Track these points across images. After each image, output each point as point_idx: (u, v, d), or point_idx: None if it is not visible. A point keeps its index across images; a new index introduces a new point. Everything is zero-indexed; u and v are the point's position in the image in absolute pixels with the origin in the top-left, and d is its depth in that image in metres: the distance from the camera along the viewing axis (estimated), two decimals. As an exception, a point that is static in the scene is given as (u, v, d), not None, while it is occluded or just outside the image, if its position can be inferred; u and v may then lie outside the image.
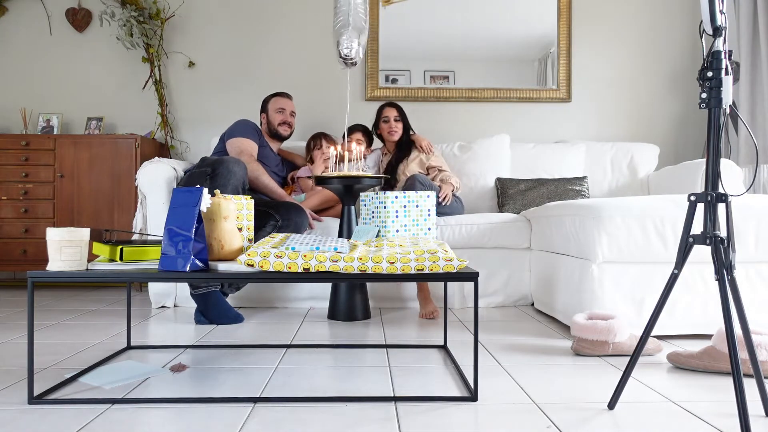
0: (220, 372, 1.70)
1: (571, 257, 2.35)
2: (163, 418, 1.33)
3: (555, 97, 3.91)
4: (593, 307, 2.15)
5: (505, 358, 1.89)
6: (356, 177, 2.43)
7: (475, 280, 1.46)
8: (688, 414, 1.37)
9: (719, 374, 1.69)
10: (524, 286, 2.90)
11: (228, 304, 2.45)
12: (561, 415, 1.36)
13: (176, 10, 3.86)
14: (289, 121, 3.10)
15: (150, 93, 3.87)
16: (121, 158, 3.47)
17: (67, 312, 2.70)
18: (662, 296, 1.35)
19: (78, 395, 1.49)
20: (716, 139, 1.28)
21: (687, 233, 1.32)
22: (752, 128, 3.39)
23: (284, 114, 3.09)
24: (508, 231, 2.87)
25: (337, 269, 1.47)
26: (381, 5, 3.86)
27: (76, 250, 1.48)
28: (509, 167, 3.54)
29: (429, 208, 2.37)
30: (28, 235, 3.43)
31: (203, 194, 1.50)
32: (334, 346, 2.03)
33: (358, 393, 1.51)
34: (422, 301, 2.63)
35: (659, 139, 3.93)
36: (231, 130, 2.93)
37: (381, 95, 3.86)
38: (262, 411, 1.37)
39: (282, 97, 3.13)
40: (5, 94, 3.87)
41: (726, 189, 2.19)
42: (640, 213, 2.12)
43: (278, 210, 2.58)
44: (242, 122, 2.96)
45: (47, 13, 3.85)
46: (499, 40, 3.88)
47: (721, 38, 1.26)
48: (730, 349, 1.16)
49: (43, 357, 1.87)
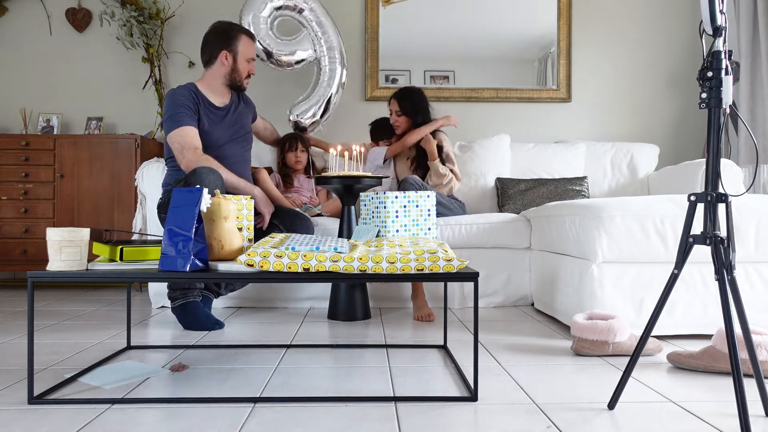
0: (220, 372, 1.70)
1: (571, 257, 2.35)
2: (162, 418, 1.33)
3: (555, 97, 3.91)
4: (593, 307, 2.15)
5: (505, 358, 1.89)
6: (356, 177, 2.43)
7: (475, 280, 1.46)
8: (688, 414, 1.37)
9: (719, 374, 1.69)
10: (524, 286, 2.90)
11: (206, 312, 2.35)
12: (561, 415, 1.36)
13: (176, 10, 3.86)
14: (253, 72, 2.65)
15: (150, 93, 3.87)
16: (121, 158, 3.47)
17: (67, 312, 2.70)
18: (662, 296, 1.35)
19: (78, 395, 1.49)
20: (716, 139, 1.28)
21: (687, 233, 1.32)
22: (752, 128, 3.39)
23: (251, 64, 2.62)
24: (508, 231, 2.87)
25: (337, 269, 1.47)
26: (381, 5, 3.87)
27: (76, 250, 1.48)
28: (509, 167, 3.54)
29: (429, 208, 2.37)
30: (28, 235, 3.43)
31: (203, 194, 1.50)
32: (334, 346, 2.03)
33: (358, 393, 1.51)
34: (416, 304, 2.60)
35: (659, 139, 3.93)
36: (164, 117, 2.48)
37: (381, 95, 3.86)
38: (262, 411, 1.37)
39: (252, 41, 2.63)
40: (5, 94, 3.87)
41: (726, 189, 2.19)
42: (640, 213, 2.12)
43: (282, 220, 2.51)
44: (169, 102, 2.46)
45: (47, 13, 3.85)
46: (499, 40, 3.88)
47: (721, 38, 1.26)
48: (730, 349, 1.16)
49: (43, 357, 1.87)
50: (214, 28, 2.60)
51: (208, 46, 2.57)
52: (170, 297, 2.34)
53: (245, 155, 2.67)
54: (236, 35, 2.56)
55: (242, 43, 2.57)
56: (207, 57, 2.58)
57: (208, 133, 2.49)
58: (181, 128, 2.40)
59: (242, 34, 2.58)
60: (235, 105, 2.66)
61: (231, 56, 2.55)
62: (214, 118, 2.54)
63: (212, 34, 2.58)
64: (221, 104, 2.60)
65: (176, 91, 2.49)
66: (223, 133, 2.55)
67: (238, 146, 2.61)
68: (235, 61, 2.56)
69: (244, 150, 2.67)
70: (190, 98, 2.48)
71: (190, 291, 2.33)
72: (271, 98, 3.79)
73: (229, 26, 2.59)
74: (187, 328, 2.31)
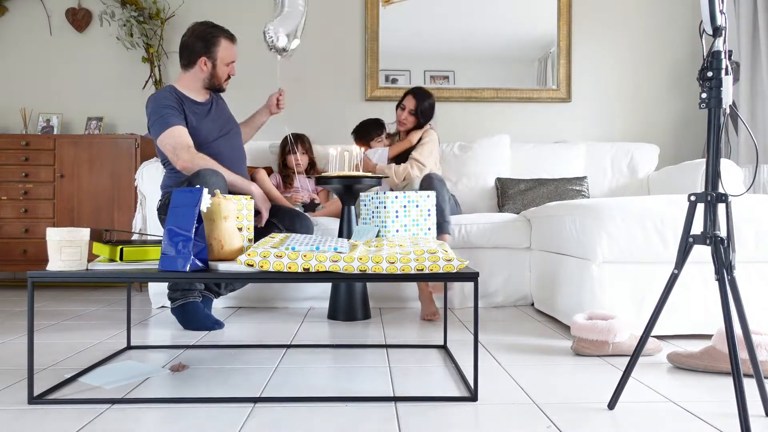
0: (220, 372, 1.70)
1: (571, 257, 2.35)
2: (162, 418, 1.33)
3: (555, 97, 3.91)
4: (593, 307, 2.15)
5: (505, 358, 1.89)
6: (356, 177, 2.43)
7: (475, 280, 1.46)
8: (688, 414, 1.37)
9: (719, 374, 1.69)
10: (524, 286, 2.90)
11: (206, 312, 2.35)
12: (561, 415, 1.36)
13: (176, 10, 3.86)
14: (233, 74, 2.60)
15: (150, 93, 3.87)
16: (121, 158, 3.47)
17: (67, 312, 2.70)
18: (662, 296, 1.35)
19: (78, 395, 1.49)
20: (716, 139, 1.28)
21: (687, 233, 1.32)
22: (752, 128, 3.39)
23: (231, 66, 2.57)
24: (508, 231, 2.87)
25: (337, 269, 1.47)
26: (381, 5, 3.87)
27: (76, 250, 1.48)
28: (509, 167, 3.54)
29: (429, 208, 2.37)
30: (28, 235, 3.43)
31: (203, 194, 1.50)
32: (334, 346, 2.03)
33: (358, 393, 1.51)
34: (423, 302, 2.62)
35: (659, 139, 3.93)
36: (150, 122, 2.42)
37: (381, 95, 3.86)
38: (262, 411, 1.37)
39: (232, 43, 2.55)
40: (5, 94, 3.87)
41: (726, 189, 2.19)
42: (640, 213, 2.12)
43: (282, 219, 2.50)
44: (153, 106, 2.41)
45: (47, 13, 3.85)
46: (499, 40, 3.88)
47: (721, 38, 1.26)
48: (730, 349, 1.16)
49: (43, 357, 1.87)
50: (193, 31, 2.51)
51: (187, 50, 2.51)
52: (170, 297, 2.33)
53: (239, 150, 2.64)
54: (216, 40, 2.49)
55: (222, 48, 2.50)
56: (186, 61, 2.53)
57: (197, 129, 2.46)
58: (170, 129, 2.36)
59: (222, 38, 2.51)
60: (215, 100, 2.63)
61: (210, 62, 2.50)
62: (200, 114, 2.50)
63: (192, 37, 2.49)
64: (203, 100, 2.57)
65: (157, 95, 2.45)
66: (212, 126, 2.52)
67: (229, 142, 2.58)
68: (215, 67, 2.51)
69: (237, 144, 2.63)
70: (173, 99, 2.44)
71: (190, 292, 2.33)
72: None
73: (209, 30, 2.50)
74: (187, 329, 2.31)
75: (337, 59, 3.91)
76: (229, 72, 2.56)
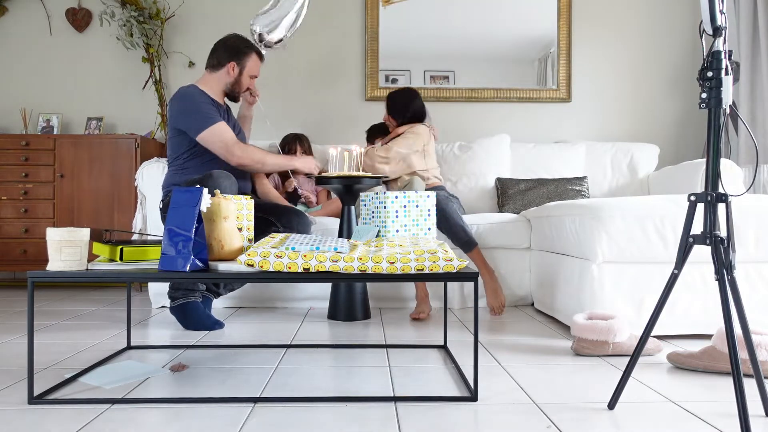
0: (220, 372, 1.70)
1: (571, 257, 2.35)
2: (163, 418, 1.33)
3: (555, 97, 3.91)
4: (593, 307, 2.15)
5: (505, 358, 1.89)
6: (356, 177, 2.43)
7: (475, 280, 1.46)
8: (688, 414, 1.37)
9: (719, 374, 1.69)
10: (524, 286, 2.90)
11: (206, 312, 2.35)
12: (561, 415, 1.36)
13: (176, 10, 3.86)
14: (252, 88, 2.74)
15: (150, 93, 3.87)
16: (121, 158, 3.47)
17: (67, 312, 2.70)
18: (662, 296, 1.35)
19: (78, 395, 1.49)
20: (716, 139, 1.28)
21: (687, 233, 1.32)
22: (752, 128, 3.39)
23: (252, 81, 2.70)
24: (508, 231, 2.87)
25: (337, 269, 1.47)
26: (381, 5, 3.87)
27: (76, 250, 1.48)
28: (509, 167, 3.54)
29: (429, 208, 2.37)
30: (28, 235, 3.43)
31: (203, 194, 1.50)
32: (334, 346, 2.03)
33: (358, 393, 1.51)
34: (417, 301, 2.63)
35: (659, 139, 3.93)
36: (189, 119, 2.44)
37: (381, 95, 3.86)
38: (262, 411, 1.37)
39: (260, 60, 2.69)
40: (5, 94, 3.87)
41: (726, 189, 2.19)
42: (640, 213, 2.12)
43: (279, 217, 2.50)
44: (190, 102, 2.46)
45: (47, 13, 3.85)
46: (499, 40, 3.88)
47: (721, 38, 1.26)
48: (730, 349, 1.16)
49: (43, 357, 1.87)
50: (229, 38, 2.64)
51: (218, 52, 2.61)
52: (171, 296, 2.33)
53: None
54: (248, 52, 2.63)
55: (251, 60, 2.63)
56: (215, 62, 2.61)
57: None
58: (214, 126, 2.44)
59: (253, 53, 2.65)
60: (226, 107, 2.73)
61: (238, 69, 2.61)
62: (223, 115, 2.58)
63: (226, 43, 2.62)
64: (221, 102, 2.65)
65: (190, 91, 2.51)
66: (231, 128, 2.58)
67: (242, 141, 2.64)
68: (240, 74, 2.62)
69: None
70: (206, 96, 2.54)
71: (192, 292, 2.33)
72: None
73: (243, 42, 2.64)
74: (187, 328, 2.31)
75: (337, 59, 3.91)
76: (249, 85, 2.68)
